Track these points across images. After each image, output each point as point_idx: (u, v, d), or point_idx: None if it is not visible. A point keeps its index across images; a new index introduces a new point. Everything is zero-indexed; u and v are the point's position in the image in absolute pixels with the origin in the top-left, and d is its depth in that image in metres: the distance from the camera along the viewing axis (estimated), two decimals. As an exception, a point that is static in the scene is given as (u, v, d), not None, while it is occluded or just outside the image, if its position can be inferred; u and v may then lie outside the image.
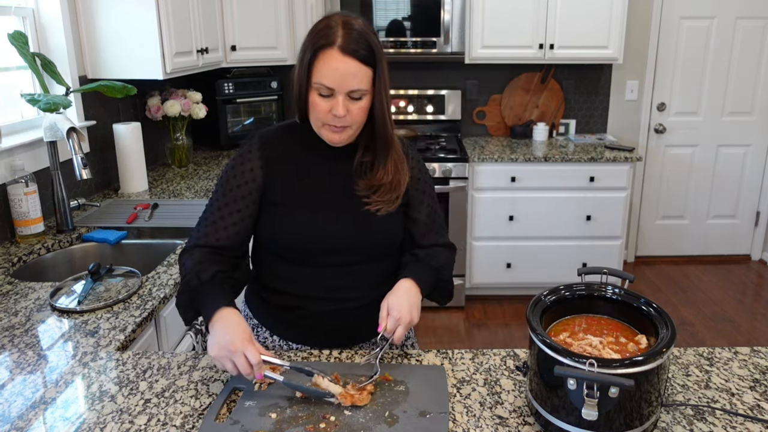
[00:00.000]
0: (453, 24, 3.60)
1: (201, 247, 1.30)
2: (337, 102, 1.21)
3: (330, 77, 1.20)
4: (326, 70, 1.20)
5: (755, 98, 4.13)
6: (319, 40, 1.21)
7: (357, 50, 1.20)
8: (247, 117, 3.72)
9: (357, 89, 1.21)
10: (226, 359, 1.11)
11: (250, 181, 1.32)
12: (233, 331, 1.13)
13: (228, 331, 1.13)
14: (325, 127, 1.26)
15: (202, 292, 1.22)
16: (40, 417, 1.11)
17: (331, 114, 1.22)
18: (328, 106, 1.22)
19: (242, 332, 1.13)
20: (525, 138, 4.02)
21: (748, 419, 1.08)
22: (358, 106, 1.23)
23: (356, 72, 1.20)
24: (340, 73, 1.19)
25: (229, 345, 1.10)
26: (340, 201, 1.32)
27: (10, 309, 1.57)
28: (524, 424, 1.07)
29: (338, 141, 1.28)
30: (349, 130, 1.27)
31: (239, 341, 1.11)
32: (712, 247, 4.42)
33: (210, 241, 1.30)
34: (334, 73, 1.19)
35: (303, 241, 1.31)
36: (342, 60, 1.19)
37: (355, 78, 1.20)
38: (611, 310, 1.15)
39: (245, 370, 1.10)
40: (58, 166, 2.14)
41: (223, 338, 1.12)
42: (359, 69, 1.20)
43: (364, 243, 1.33)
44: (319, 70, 1.20)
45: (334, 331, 1.38)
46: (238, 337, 1.11)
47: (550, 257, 3.68)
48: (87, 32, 2.56)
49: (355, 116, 1.24)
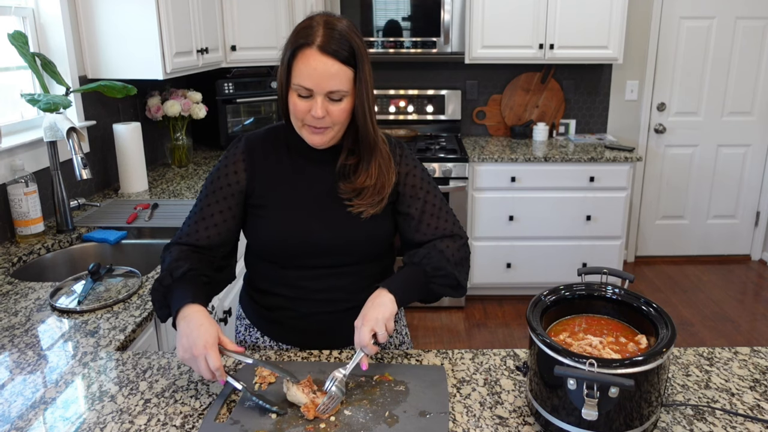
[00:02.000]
0: (453, 24, 3.60)
1: (181, 245, 1.30)
2: (315, 103, 1.20)
3: (308, 78, 1.18)
4: (305, 70, 1.18)
5: (755, 98, 4.13)
6: (298, 40, 1.19)
7: (337, 51, 1.18)
8: (247, 117, 3.72)
9: (336, 90, 1.19)
10: (190, 362, 1.09)
11: (234, 183, 1.32)
12: (196, 333, 1.09)
13: (192, 332, 1.10)
14: (305, 128, 1.25)
15: (172, 289, 1.20)
16: (40, 417, 1.11)
17: (310, 115, 1.21)
18: (307, 106, 1.21)
19: (204, 333, 1.09)
20: (525, 138, 4.02)
21: (748, 419, 1.08)
22: (338, 108, 1.22)
23: (335, 72, 1.18)
24: (318, 73, 1.17)
25: (192, 349, 1.08)
26: (324, 203, 1.32)
27: (10, 309, 1.57)
28: (524, 424, 1.07)
29: (319, 143, 1.26)
30: (330, 132, 1.25)
31: (201, 345, 1.08)
32: (712, 247, 4.42)
33: (191, 240, 1.30)
34: (312, 73, 1.18)
35: (286, 243, 1.31)
36: (320, 60, 1.17)
37: (333, 78, 1.18)
38: (611, 310, 1.14)
39: (207, 376, 1.08)
40: (58, 166, 2.14)
41: (187, 341, 1.09)
42: (339, 69, 1.18)
43: (347, 246, 1.32)
44: (298, 69, 1.19)
45: (322, 332, 1.38)
46: (200, 340, 1.08)
47: (550, 257, 3.68)
48: (87, 32, 2.56)
49: (336, 117, 1.22)
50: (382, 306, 1.17)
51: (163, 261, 1.28)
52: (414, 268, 1.27)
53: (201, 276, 1.25)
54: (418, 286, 1.26)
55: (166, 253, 1.30)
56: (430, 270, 1.26)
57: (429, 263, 1.26)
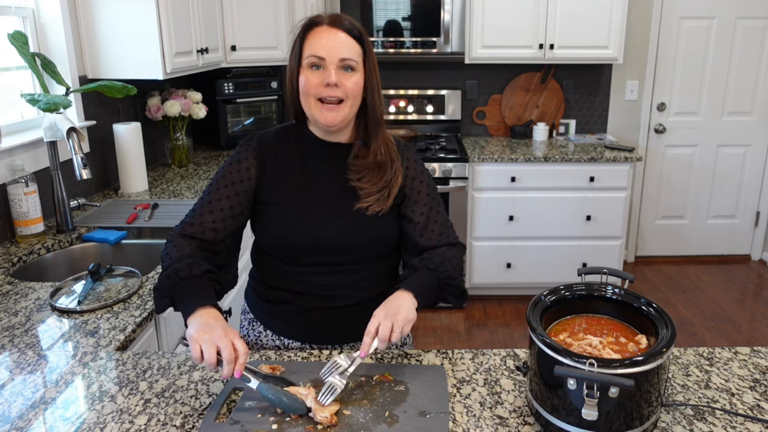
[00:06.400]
0: (453, 24, 3.60)
1: (186, 236, 1.30)
2: (329, 72, 1.24)
3: (321, 47, 1.24)
4: (317, 42, 1.25)
5: (755, 98, 4.13)
6: (308, 23, 1.27)
7: (347, 28, 1.26)
8: (247, 117, 3.72)
9: (348, 58, 1.25)
10: (209, 342, 1.05)
11: (245, 180, 1.34)
12: (218, 324, 1.10)
13: (217, 321, 1.11)
14: (318, 105, 1.26)
15: (191, 284, 1.19)
16: (40, 417, 1.11)
17: (323, 86, 1.24)
18: (319, 78, 1.25)
19: (227, 327, 1.10)
20: (525, 138, 4.02)
21: (748, 419, 1.08)
22: (350, 80, 1.26)
23: (346, 41, 1.25)
24: (330, 41, 1.24)
25: (218, 330, 1.07)
26: (332, 202, 1.33)
27: (10, 309, 1.57)
28: (524, 424, 1.07)
29: (332, 120, 1.27)
30: (344, 108, 1.27)
31: (231, 332, 1.08)
32: (712, 247, 4.42)
33: (195, 230, 1.30)
34: (325, 42, 1.24)
35: (293, 241, 1.32)
36: (332, 31, 1.25)
37: (344, 46, 1.25)
38: (611, 310, 1.14)
39: (230, 356, 1.04)
40: (58, 166, 2.14)
41: (209, 324, 1.09)
42: (348, 40, 1.26)
43: (354, 244, 1.33)
44: (310, 43, 1.26)
45: (326, 328, 1.39)
46: (229, 329, 1.09)
47: (550, 257, 3.68)
48: (87, 32, 2.56)
49: (348, 89, 1.26)
50: (407, 308, 1.18)
51: (167, 252, 1.28)
52: (431, 274, 1.29)
53: (215, 281, 1.26)
54: (433, 292, 1.29)
55: (170, 244, 1.29)
56: (444, 278, 1.29)
57: (444, 271, 1.29)
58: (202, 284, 1.20)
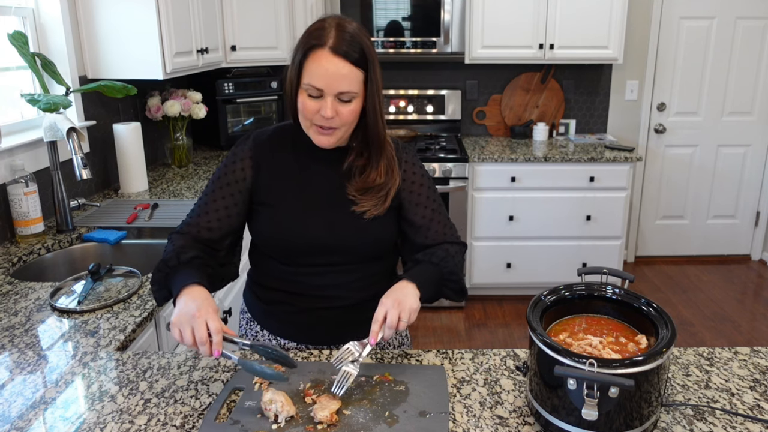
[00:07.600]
0: (453, 24, 3.60)
1: (184, 234, 1.32)
2: (325, 103, 1.21)
3: (319, 78, 1.20)
4: (316, 70, 1.20)
5: (755, 98, 4.13)
6: (310, 41, 1.21)
7: (348, 52, 1.19)
8: (247, 117, 3.72)
9: (346, 91, 1.21)
10: (185, 324, 1.08)
11: (241, 180, 1.34)
12: (200, 301, 1.12)
13: (194, 301, 1.12)
14: (313, 128, 1.26)
15: (177, 271, 1.21)
16: (40, 417, 1.11)
17: (320, 115, 1.22)
18: (316, 106, 1.22)
19: (209, 304, 1.12)
20: (525, 138, 4.02)
21: (748, 419, 1.08)
22: (347, 109, 1.23)
23: (346, 74, 1.20)
24: (329, 73, 1.19)
25: (193, 311, 1.09)
26: (328, 203, 1.33)
27: (10, 309, 1.57)
28: (524, 424, 1.07)
29: (326, 143, 1.28)
30: (338, 132, 1.26)
31: (204, 310, 1.10)
32: (712, 247, 4.42)
33: (193, 230, 1.32)
34: (324, 73, 1.19)
35: (289, 241, 1.32)
36: (332, 61, 1.19)
37: (344, 80, 1.20)
38: (611, 310, 1.15)
39: (202, 338, 1.07)
40: (58, 166, 2.14)
41: (187, 305, 1.11)
42: (350, 71, 1.20)
43: (350, 245, 1.33)
44: (310, 70, 1.21)
45: (322, 329, 1.39)
46: (203, 307, 1.10)
47: (550, 257, 3.68)
48: (87, 32, 2.56)
49: (344, 118, 1.24)
50: (411, 297, 1.20)
51: (165, 249, 1.30)
52: (434, 267, 1.30)
53: (206, 266, 1.27)
54: (435, 286, 1.29)
55: (169, 243, 1.32)
56: (446, 273, 1.30)
57: (446, 266, 1.30)
58: (189, 268, 1.22)
